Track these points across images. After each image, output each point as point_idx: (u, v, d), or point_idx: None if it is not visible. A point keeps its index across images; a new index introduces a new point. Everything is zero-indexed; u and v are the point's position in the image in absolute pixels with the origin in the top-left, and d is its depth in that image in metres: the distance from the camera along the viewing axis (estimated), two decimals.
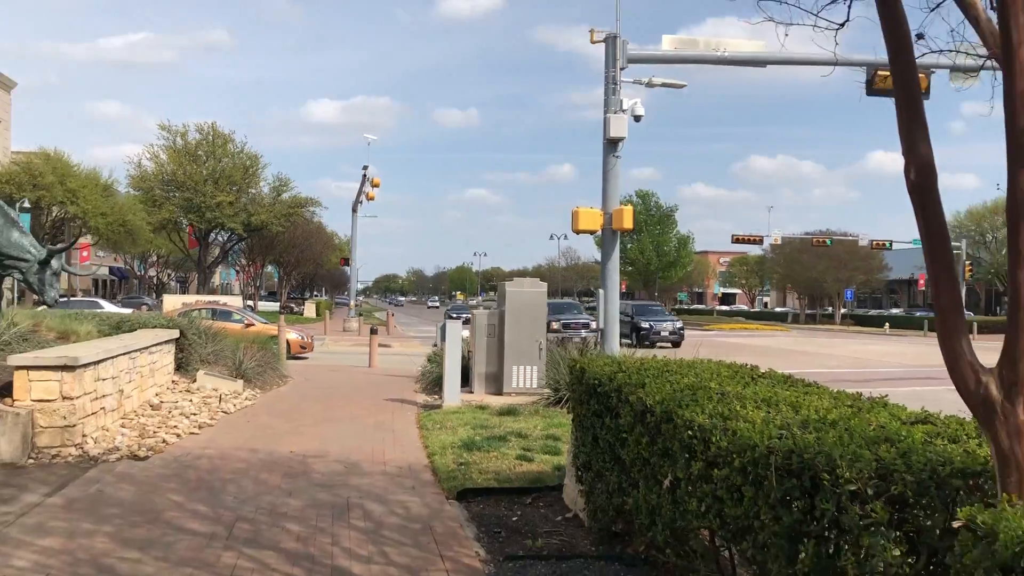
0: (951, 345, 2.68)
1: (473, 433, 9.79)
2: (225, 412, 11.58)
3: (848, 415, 3.69)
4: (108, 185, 57.12)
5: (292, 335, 26.21)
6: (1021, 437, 2.52)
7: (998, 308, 78.56)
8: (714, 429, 3.65)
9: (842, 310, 79.40)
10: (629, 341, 31.64)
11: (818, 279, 76.14)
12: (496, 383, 14.32)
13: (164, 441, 9.32)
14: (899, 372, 25.44)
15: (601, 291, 16.03)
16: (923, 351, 36.64)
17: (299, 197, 60.42)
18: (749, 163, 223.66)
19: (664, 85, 16.29)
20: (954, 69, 18.36)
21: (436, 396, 14.58)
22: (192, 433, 9.97)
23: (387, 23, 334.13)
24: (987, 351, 2.69)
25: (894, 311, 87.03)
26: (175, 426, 10.11)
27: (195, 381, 13.41)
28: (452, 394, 12.52)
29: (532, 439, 9.48)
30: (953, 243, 61.88)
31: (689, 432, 3.87)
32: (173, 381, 13.39)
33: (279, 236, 64.63)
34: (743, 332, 55.29)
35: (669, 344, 35.30)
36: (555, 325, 28.30)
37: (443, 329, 12.65)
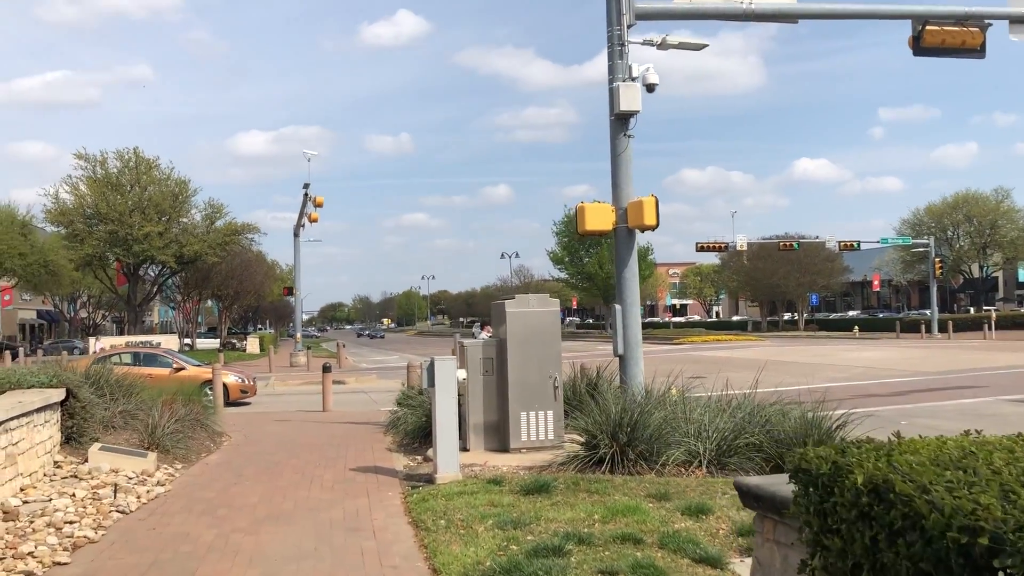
0: None
1: (503, 538, 6.28)
2: (122, 512, 7.89)
3: None
4: (26, 223, 52.41)
5: (230, 378, 22.35)
6: None
7: (955, 306, 77.32)
8: None
9: (805, 315, 77.25)
10: None
11: (779, 285, 73.91)
12: (498, 436, 10.81)
13: None
14: (920, 381, 22.55)
15: (617, 307, 12.66)
16: (919, 355, 34.11)
17: (235, 224, 56.15)
18: (680, 176, 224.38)
19: (681, 46, 13.03)
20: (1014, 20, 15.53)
21: (417, 457, 11.04)
22: (58, 564, 6.29)
23: (312, 53, 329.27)
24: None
25: (852, 313, 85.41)
26: (30, 552, 6.42)
27: (86, 461, 9.67)
28: (448, 461, 8.98)
29: (602, 545, 6.00)
30: (921, 240, 60.38)
31: None
32: (56, 463, 9.63)
33: (215, 267, 60.17)
34: (716, 345, 52.48)
35: None
36: None
37: (430, 369, 9.12)
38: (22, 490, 8.27)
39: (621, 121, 12.64)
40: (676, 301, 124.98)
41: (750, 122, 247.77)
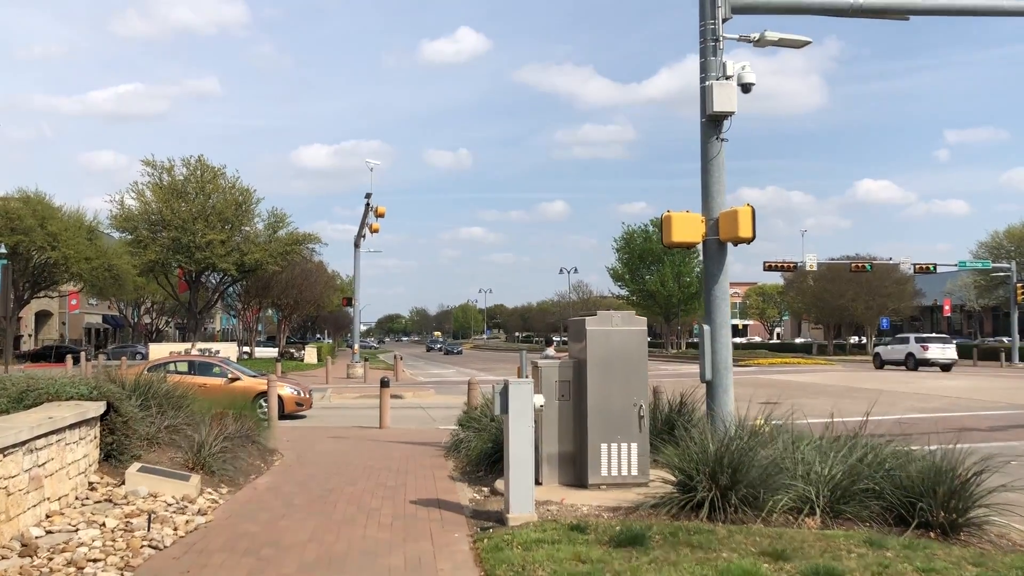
0: None
1: None
2: (155, 547, 6.95)
3: None
4: (92, 228, 53.03)
5: (286, 390, 21.62)
6: None
7: None
8: None
9: (873, 339, 74.42)
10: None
11: (847, 307, 71.23)
12: (575, 469, 9.70)
13: None
14: (1019, 414, 20.82)
15: (706, 327, 11.47)
16: (1005, 385, 32.10)
17: (296, 234, 55.96)
18: (739, 195, 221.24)
19: (781, 42, 11.82)
20: None
21: (484, 489, 9.99)
22: None
23: (374, 69, 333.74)
24: None
25: None
26: None
27: (123, 483, 8.81)
28: (522, 500, 7.90)
29: None
30: (1001, 264, 57.61)
31: None
32: (91, 484, 8.79)
33: (276, 276, 60.16)
34: (785, 367, 50.52)
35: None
36: None
37: (504, 394, 8.06)
38: (48, 517, 7.41)
39: (713, 123, 11.49)
40: (737, 321, 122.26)
41: (811, 142, 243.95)
